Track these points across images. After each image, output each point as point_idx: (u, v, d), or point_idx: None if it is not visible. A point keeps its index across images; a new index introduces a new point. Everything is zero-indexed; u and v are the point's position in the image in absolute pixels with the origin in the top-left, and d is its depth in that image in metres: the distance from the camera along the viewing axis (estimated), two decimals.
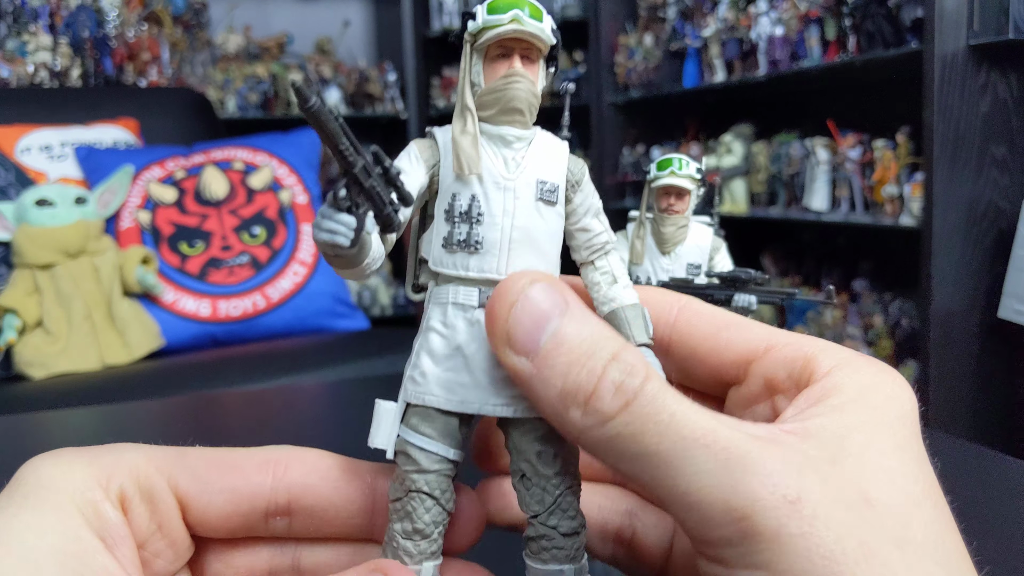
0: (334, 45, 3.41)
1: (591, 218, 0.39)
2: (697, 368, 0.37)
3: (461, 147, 0.36)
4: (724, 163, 2.41)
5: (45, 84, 2.56)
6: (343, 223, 0.31)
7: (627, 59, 2.75)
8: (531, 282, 0.32)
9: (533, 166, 0.37)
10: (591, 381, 0.29)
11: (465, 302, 0.36)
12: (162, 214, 1.97)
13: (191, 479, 0.34)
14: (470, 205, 0.36)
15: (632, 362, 0.30)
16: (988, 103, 1.72)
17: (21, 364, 1.71)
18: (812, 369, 0.32)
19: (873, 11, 1.89)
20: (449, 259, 0.36)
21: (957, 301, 1.75)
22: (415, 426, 0.35)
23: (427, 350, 0.36)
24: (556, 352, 0.30)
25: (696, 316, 0.37)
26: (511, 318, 0.31)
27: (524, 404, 0.35)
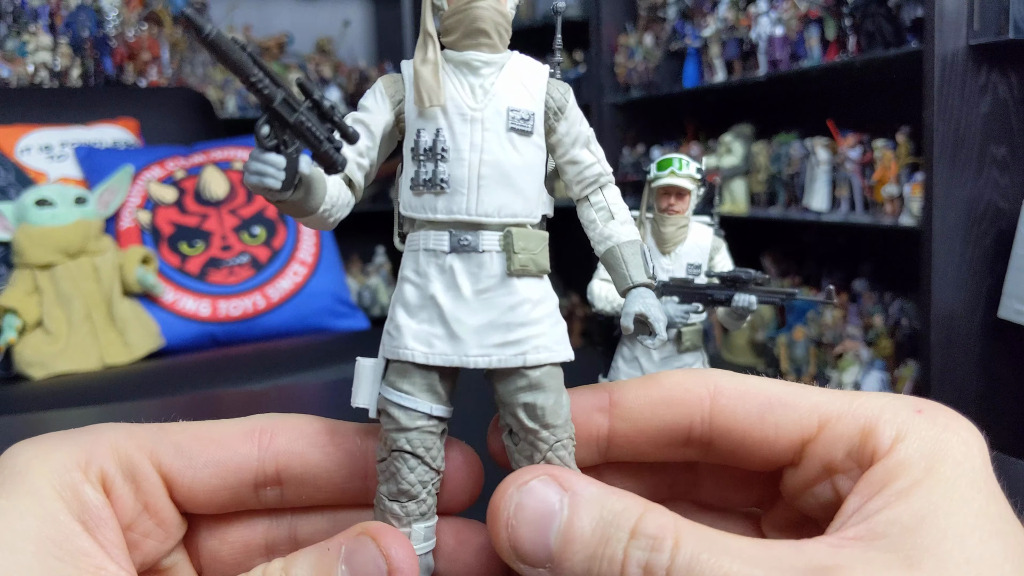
0: (334, 45, 3.40)
1: (580, 149, 0.36)
2: (746, 458, 0.34)
3: (421, 77, 0.33)
4: (724, 163, 2.40)
5: (45, 84, 2.56)
6: (270, 163, 0.29)
7: (627, 59, 2.74)
8: (520, 486, 0.30)
9: (503, 93, 0.34)
10: (615, 570, 0.27)
11: (436, 247, 0.34)
12: (162, 214, 1.97)
13: (175, 455, 0.33)
14: (434, 140, 0.33)
15: (654, 533, 0.27)
16: (988, 103, 1.71)
17: (21, 364, 1.71)
18: (873, 446, 0.29)
19: (873, 11, 1.88)
20: (417, 201, 0.34)
21: (957, 301, 1.75)
22: (393, 383, 0.34)
23: (401, 302, 0.34)
24: (570, 551, 0.28)
25: (733, 402, 0.33)
26: (511, 534, 0.29)
27: (507, 352, 0.33)
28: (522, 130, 0.34)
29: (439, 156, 0.33)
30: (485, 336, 0.33)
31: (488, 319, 0.34)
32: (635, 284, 0.36)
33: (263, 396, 1.20)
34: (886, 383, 1.98)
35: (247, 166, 0.29)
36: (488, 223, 0.34)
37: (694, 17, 2.52)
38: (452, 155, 0.33)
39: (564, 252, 0.34)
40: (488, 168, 0.33)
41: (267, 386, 1.54)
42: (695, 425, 0.34)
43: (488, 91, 0.34)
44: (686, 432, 0.34)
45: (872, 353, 2.05)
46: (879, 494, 0.28)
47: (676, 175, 0.80)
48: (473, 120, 0.33)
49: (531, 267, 0.34)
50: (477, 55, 0.34)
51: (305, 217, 0.32)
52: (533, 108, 0.34)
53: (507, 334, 0.34)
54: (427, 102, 0.33)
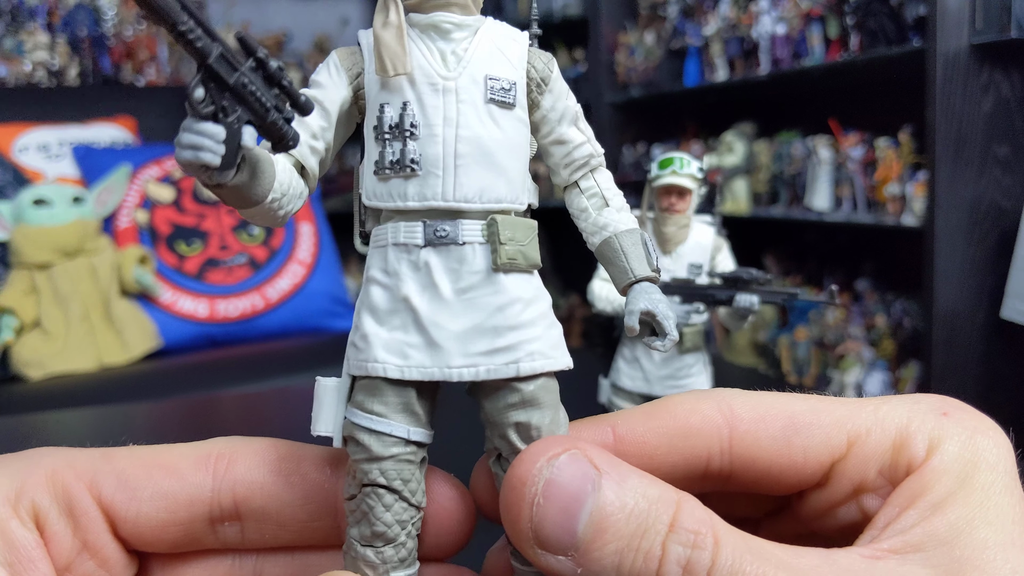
0: (333, 43, 3.39)
1: (568, 126, 0.32)
2: (771, 487, 0.30)
3: (383, 42, 0.28)
4: (725, 162, 2.39)
5: (43, 83, 2.55)
6: (207, 134, 0.23)
7: (628, 58, 2.73)
8: (551, 459, 0.26)
9: (481, 60, 0.29)
10: (651, 567, 0.24)
11: (407, 241, 0.29)
12: (160, 213, 1.96)
13: (117, 486, 0.29)
14: (401, 115, 0.28)
15: (695, 528, 0.24)
16: (991, 102, 1.70)
17: (18, 364, 1.70)
18: (908, 460, 0.27)
19: (875, 9, 1.87)
20: (383, 188, 0.29)
21: (960, 301, 1.74)
22: (362, 403, 0.28)
23: (368, 307, 0.29)
24: (600, 540, 0.24)
25: (753, 428, 0.30)
26: (536, 514, 0.25)
27: (496, 360, 0.28)
28: (503, 101, 0.29)
29: (407, 133, 0.28)
30: (470, 343, 0.29)
31: (472, 323, 0.29)
32: (638, 278, 0.31)
33: (261, 398, 1.19)
34: (888, 384, 1.97)
35: (178, 139, 0.24)
36: (468, 210, 0.29)
37: (695, 15, 2.51)
38: (423, 131, 0.28)
39: (564, 250, 0.31)
40: (466, 145, 0.29)
41: (265, 387, 1.53)
42: (713, 457, 0.30)
43: (461, 57, 0.29)
44: (703, 466, 0.30)
45: (875, 353, 2.04)
46: (914, 506, 0.26)
47: (677, 174, 0.80)
48: (446, 91, 0.29)
49: (520, 261, 0.30)
50: (446, 16, 0.29)
51: (250, 209, 0.27)
52: (514, 77, 0.30)
53: (495, 339, 0.29)
54: (391, 70, 0.28)
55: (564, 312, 2.89)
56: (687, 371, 0.80)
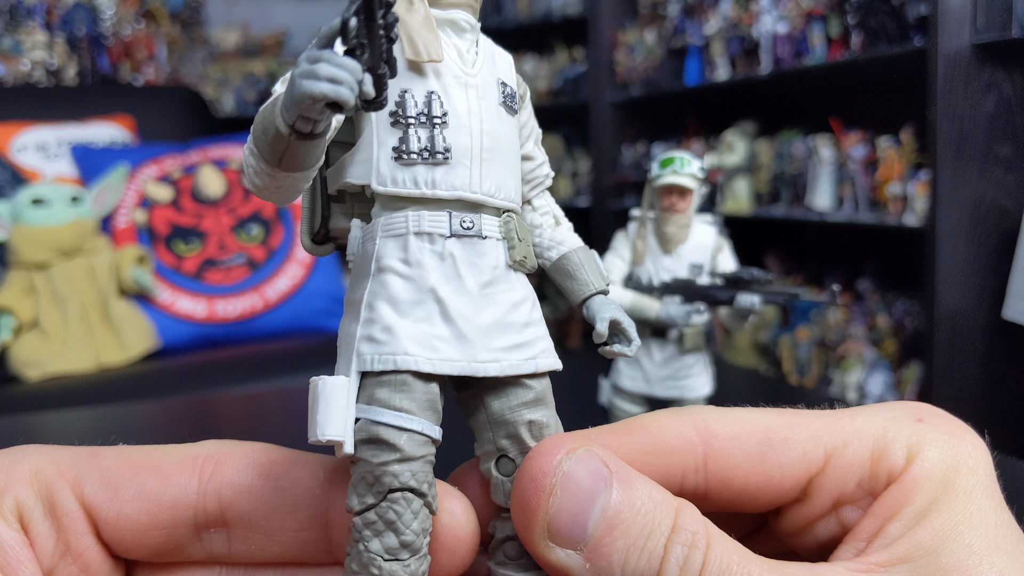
0: None
1: (533, 144, 0.32)
2: (747, 504, 0.30)
3: (412, 27, 0.27)
4: (726, 161, 2.39)
5: (41, 82, 2.54)
6: (350, 69, 0.22)
7: (628, 57, 2.73)
8: (570, 452, 0.26)
9: (488, 63, 0.30)
10: (653, 566, 0.25)
11: (432, 230, 0.28)
12: (158, 213, 1.95)
13: (100, 485, 0.27)
14: (428, 103, 0.28)
15: (692, 529, 0.25)
16: (992, 102, 1.70)
17: (16, 364, 1.69)
18: (887, 470, 0.27)
19: (877, 8, 1.87)
20: (405, 174, 0.28)
21: (962, 301, 1.73)
22: (386, 401, 0.27)
23: (386, 298, 0.28)
24: (610, 537, 0.25)
25: (728, 446, 0.29)
26: (551, 507, 0.25)
27: (517, 356, 0.28)
28: (510, 107, 0.30)
29: (437, 120, 0.28)
30: (492, 337, 0.28)
31: (494, 318, 0.29)
32: (596, 291, 0.32)
33: (261, 398, 1.19)
34: (890, 384, 1.96)
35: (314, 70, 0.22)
36: (489, 204, 0.29)
37: (696, 14, 2.50)
38: (452, 120, 0.28)
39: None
40: (489, 139, 0.29)
41: (264, 387, 1.52)
42: (688, 474, 0.30)
43: (475, 59, 0.29)
44: (678, 483, 0.30)
45: (876, 354, 2.04)
46: (897, 516, 0.26)
47: (678, 174, 0.79)
48: (468, 85, 0.29)
49: (528, 261, 0.31)
50: (463, 15, 0.29)
51: (295, 173, 0.26)
52: (514, 87, 0.31)
53: (515, 335, 0.29)
54: (424, 55, 0.27)
55: (564, 313, 2.88)
56: (688, 372, 0.80)
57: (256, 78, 3.13)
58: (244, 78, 3.12)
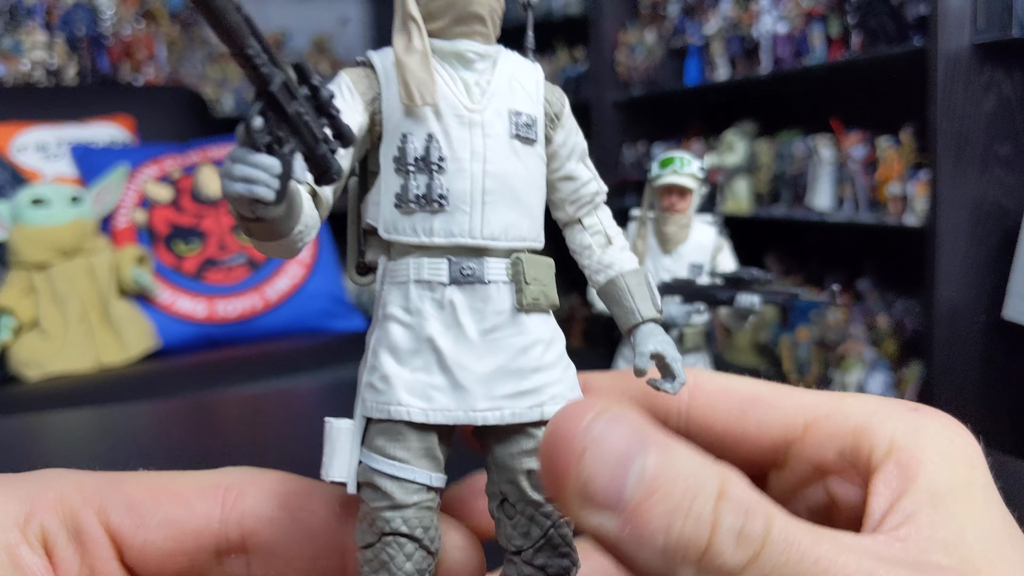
0: (332, 42, 3.39)
1: (576, 163, 0.31)
2: (725, 456, 0.30)
3: (408, 69, 0.27)
4: (726, 161, 2.39)
5: (41, 82, 2.54)
6: (263, 167, 0.22)
7: (628, 56, 2.73)
8: (596, 415, 0.25)
9: (503, 93, 0.28)
10: (702, 532, 0.23)
11: (432, 278, 0.28)
12: (158, 213, 1.95)
13: (125, 512, 0.28)
14: (427, 147, 0.27)
15: (745, 499, 0.24)
16: (993, 102, 1.70)
17: (16, 364, 1.69)
18: (869, 444, 0.27)
19: (877, 8, 1.87)
20: (405, 222, 0.28)
21: (962, 301, 1.73)
22: (382, 448, 0.27)
23: (387, 346, 0.28)
24: (650, 500, 0.24)
25: (713, 398, 0.31)
26: (583, 470, 0.24)
27: (521, 404, 0.28)
28: (526, 137, 0.29)
29: (434, 166, 0.27)
30: (494, 385, 0.28)
31: (497, 364, 0.28)
32: (644, 320, 0.31)
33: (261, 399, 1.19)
34: (890, 384, 1.96)
35: (230, 170, 0.22)
36: (494, 248, 0.29)
37: (696, 14, 2.50)
38: (450, 165, 0.28)
39: (564, 251, 0.31)
40: (493, 181, 0.28)
41: (265, 388, 1.52)
42: (670, 418, 0.31)
43: (485, 90, 0.28)
44: (661, 425, 0.31)
45: (876, 354, 2.04)
46: (906, 494, 0.26)
47: (678, 173, 0.79)
48: (472, 123, 0.28)
49: (542, 301, 0.30)
50: (471, 45, 0.28)
51: (275, 242, 0.26)
52: (535, 112, 0.29)
53: (520, 382, 0.28)
54: (418, 99, 0.27)
55: (565, 313, 2.88)
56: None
57: None
58: (244, 78, 3.12)
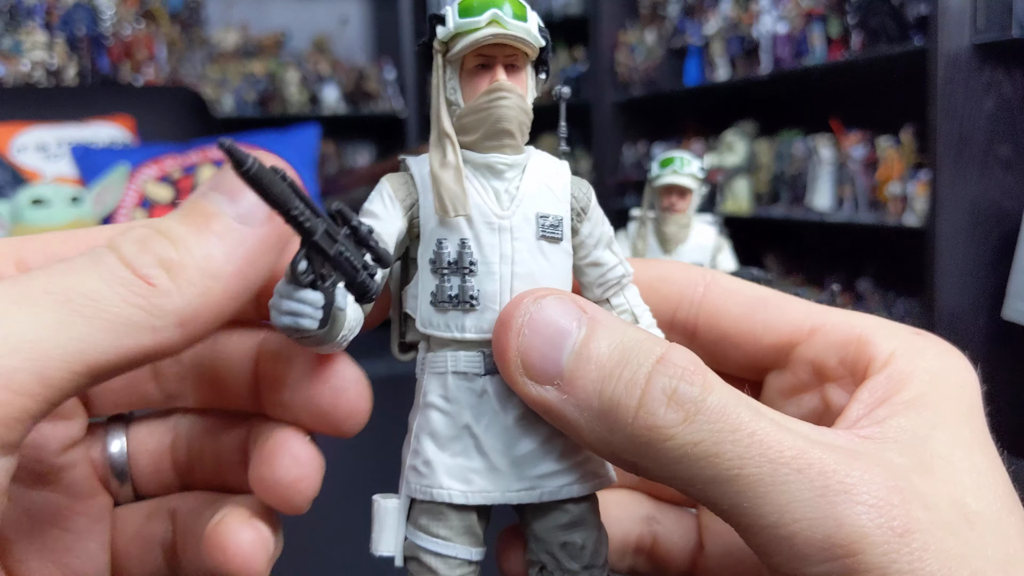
0: (332, 42, 3.39)
1: (603, 250, 0.33)
2: (729, 352, 0.32)
3: (442, 183, 0.29)
4: (726, 161, 2.39)
5: (41, 82, 2.54)
6: (308, 302, 0.26)
7: (628, 57, 2.73)
8: (536, 298, 0.27)
9: (531, 198, 0.31)
10: (633, 393, 0.25)
11: (468, 369, 0.30)
12: (158, 213, 1.95)
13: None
14: (460, 253, 0.30)
15: (683, 364, 0.25)
16: (993, 102, 1.70)
17: None
18: (869, 355, 0.29)
19: (877, 8, 1.87)
20: (441, 319, 0.30)
21: (962, 301, 1.73)
22: (426, 527, 0.30)
23: (428, 432, 0.30)
24: (584, 369, 0.26)
25: (726, 294, 0.32)
26: (522, 343, 0.27)
27: (554, 483, 0.30)
28: (552, 237, 0.31)
29: (466, 270, 0.30)
30: (528, 467, 0.30)
31: (530, 447, 0.30)
32: None
33: None
34: None
35: (277, 305, 0.26)
36: None
37: (696, 14, 2.50)
38: (481, 268, 0.30)
39: None
40: (520, 281, 0.30)
41: None
42: (682, 307, 0.33)
43: (514, 196, 0.31)
44: (672, 312, 0.33)
45: None
46: (886, 403, 0.27)
47: (678, 173, 0.79)
48: (501, 229, 0.30)
49: None
50: (501, 158, 0.30)
51: (322, 346, 0.28)
52: (561, 212, 0.31)
53: (552, 463, 0.30)
54: (451, 211, 0.29)
55: None
56: None
57: (255, 78, 3.13)
58: (243, 78, 3.12)
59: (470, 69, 0.30)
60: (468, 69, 0.30)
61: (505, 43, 0.29)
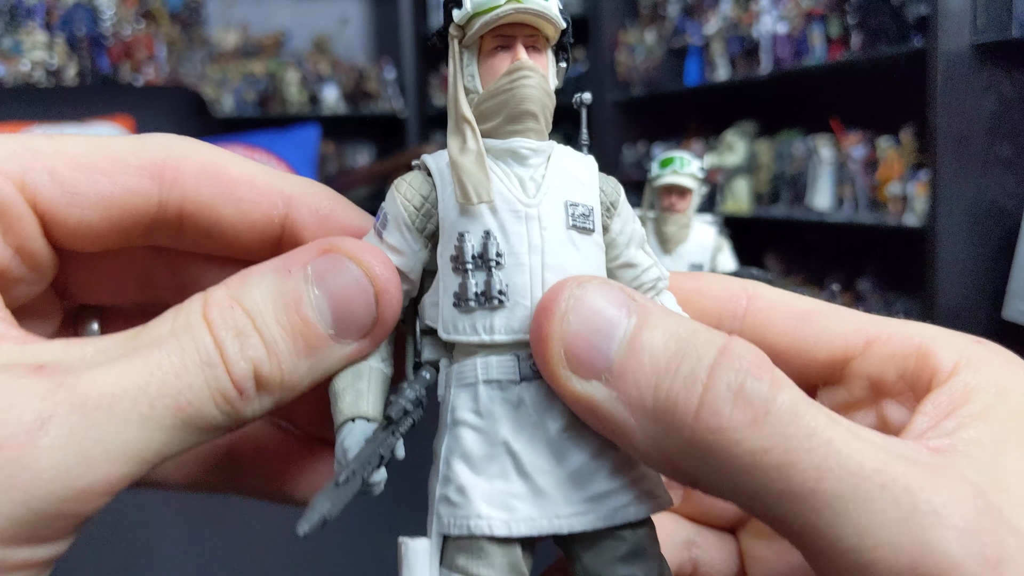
0: (332, 42, 3.39)
1: (635, 249, 0.30)
2: (778, 366, 0.30)
3: (463, 169, 0.27)
4: (726, 161, 2.39)
5: (41, 82, 2.55)
6: (377, 482, 0.26)
7: (628, 56, 2.73)
8: (580, 283, 0.25)
9: (558, 185, 0.28)
10: (694, 389, 0.22)
11: (502, 376, 0.27)
12: None
13: (55, 188, 0.26)
14: (484, 244, 0.27)
15: (749, 357, 0.22)
16: (993, 102, 1.70)
17: None
18: (932, 367, 0.26)
19: (877, 8, 1.87)
20: (466, 322, 0.27)
21: (962, 301, 1.73)
22: (464, 568, 0.26)
23: (460, 454, 0.27)
24: (636, 361, 0.23)
25: (771, 307, 0.29)
26: (566, 332, 0.24)
27: (608, 506, 0.26)
28: (583, 227, 0.28)
29: (492, 262, 0.27)
30: (577, 487, 0.26)
31: (577, 464, 0.26)
32: None
33: None
34: None
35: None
36: None
37: (696, 14, 2.51)
38: (508, 260, 0.27)
39: None
40: (552, 273, 0.27)
41: None
42: (724, 322, 0.29)
43: (540, 184, 0.28)
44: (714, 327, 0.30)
45: None
46: (951, 415, 0.24)
47: (677, 173, 0.79)
48: (529, 217, 0.27)
49: None
50: (524, 142, 0.28)
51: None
52: (591, 202, 0.29)
53: (604, 483, 0.26)
54: (474, 198, 0.27)
55: None
56: None
57: (255, 78, 3.13)
58: (243, 78, 3.12)
59: (489, 51, 0.28)
60: (486, 51, 0.28)
61: (526, 22, 0.27)
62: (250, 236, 0.29)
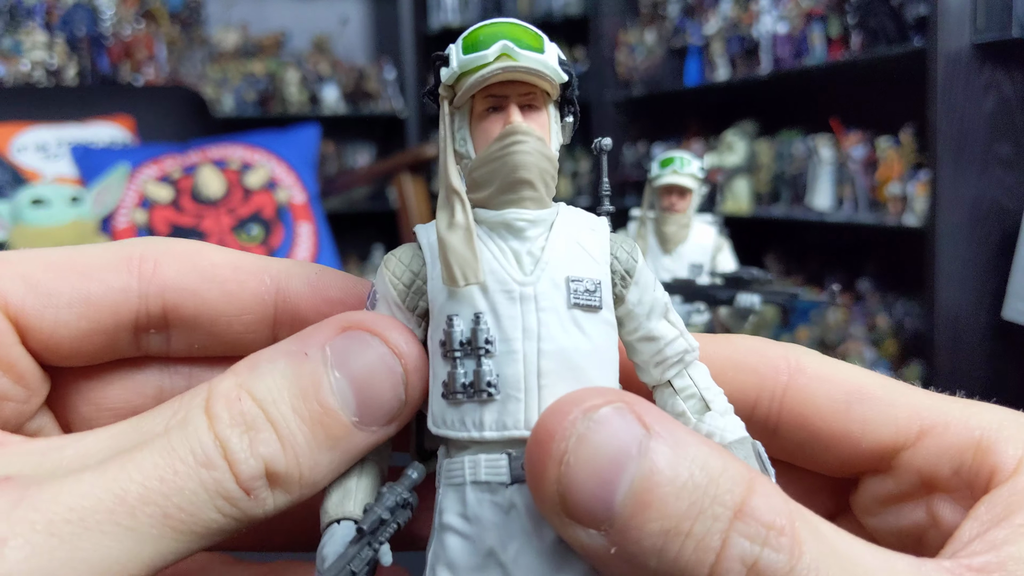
0: (332, 42, 3.39)
1: (657, 320, 0.27)
2: (819, 454, 0.27)
3: (450, 248, 0.24)
4: (726, 161, 2.39)
5: (41, 82, 2.54)
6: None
7: (628, 56, 2.73)
8: (587, 411, 0.21)
9: (559, 259, 0.25)
10: (704, 558, 0.19)
11: (490, 478, 0.24)
12: (158, 213, 1.95)
13: (28, 291, 0.25)
14: (473, 330, 0.24)
15: (769, 520, 0.20)
16: (992, 101, 1.70)
17: None
18: (992, 464, 0.24)
19: (876, 8, 1.87)
20: (454, 415, 0.25)
21: (962, 301, 1.73)
22: None
23: (445, 562, 0.24)
24: (643, 516, 0.20)
25: (815, 383, 0.26)
26: (564, 477, 0.21)
27: None
28: (588, 305, 0.25)
29: (481, 350, 0.24)
30: None
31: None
32: None
33: None
34: None
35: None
36: None
37: (696, 14, 2.51)
38: (499, 347, 0.24)
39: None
40: (549, 361, 0.24)
41: None
42: (762, 401, 0.27)
43: (538, 258, 0.25)
44: (750, 407, 0.27)
45: (877, 354, 2.04)
46: (1004, 522, 0.22)
47: (677, 173, 0.79)
48: (524, 298, 0.25)
49: None
50: (520, 213, 0.25)
51: None
52: (598, 275, 0.26)
53: None
54: (460, 280, 0.24)
55: None
56: None
57: (255, 78, 3.13)
58: (243, 78, 3.12)
59: (480, 113, 0.26)
60: (478, 113, 0.26)
61: (518, 79, 0.25)
62: (242, 323, 0.27)
